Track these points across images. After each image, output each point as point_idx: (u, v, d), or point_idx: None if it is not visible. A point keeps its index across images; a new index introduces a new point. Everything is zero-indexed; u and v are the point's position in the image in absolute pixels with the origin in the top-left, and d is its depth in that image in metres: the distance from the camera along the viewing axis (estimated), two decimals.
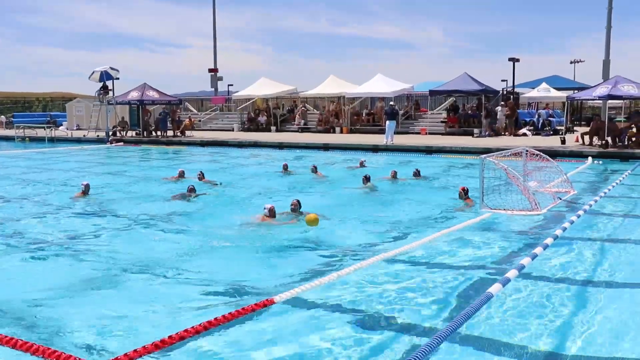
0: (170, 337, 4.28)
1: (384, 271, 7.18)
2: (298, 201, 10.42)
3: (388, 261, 7.41)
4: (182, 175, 15.67)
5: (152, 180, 16.02)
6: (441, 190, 13.60)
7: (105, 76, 32.04)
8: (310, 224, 9.14)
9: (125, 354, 4.01)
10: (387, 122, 25.58)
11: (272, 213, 9.98)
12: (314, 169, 16.64)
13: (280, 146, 26.19)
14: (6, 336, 4.47)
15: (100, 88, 32.70)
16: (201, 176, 14.98)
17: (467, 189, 11.99)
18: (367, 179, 14.10)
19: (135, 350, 4.06)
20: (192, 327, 4.47)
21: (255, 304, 5.12)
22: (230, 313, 4.82)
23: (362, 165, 17.95)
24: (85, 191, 12.82)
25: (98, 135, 32.33)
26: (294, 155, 22.91)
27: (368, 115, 34.00)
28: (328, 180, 15.79)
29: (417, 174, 15.22)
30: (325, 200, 12.55)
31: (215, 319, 4.69)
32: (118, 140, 30.72)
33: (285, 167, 17.24)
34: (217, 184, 14.66)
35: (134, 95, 32.46)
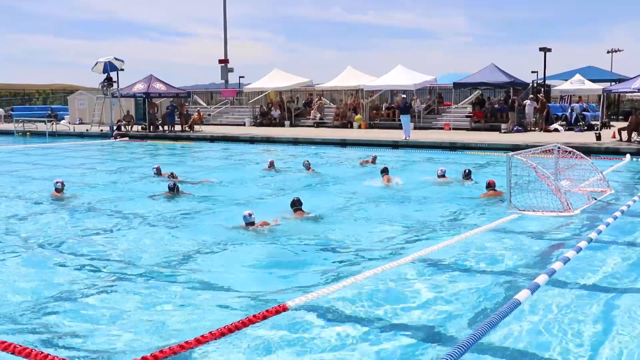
0: (179, 345, 4.31)
1: (403, 276, 7.18)
2: (298, 199, 10.48)
3: (407, 265, 7.39)
4: (159, 172, 15.78)
5: (150, 178, 16.01)
6: (465, 189, 13.54)
7: (109, 67, 32.26)
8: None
9: None
10: (401, 116, 25.85)
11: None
12: (307, 165, 16.64)
13: (295, 142, 26.20)
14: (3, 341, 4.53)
15: (104, 80, 32.93)
16: (171, 178, 14.81)
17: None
18: (385, 172, 14.37)
19: (143, 357, 4.10)
20: (202, 335, 4.51)
21: (267, 311, 5.15)
22: (241, 321, 4.85)
23: (373, 161, 17.94)
24: (61, 189, 12.94)
25: (102, 130, 32.56)
26: (310, 152, 22.95)
27: (388, 109, 33.93)
28: (336, 177, 15.88)
29: (467, 174, 14.30)
30: (336, 199, 12.63)
31: (225, 327, 4.72)
32: (123, 135, 30.90)
33: (272, 164, 17.23)
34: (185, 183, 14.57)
35: (140, 87, 32.65)
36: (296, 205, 10.42)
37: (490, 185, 12.47)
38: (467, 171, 14.23)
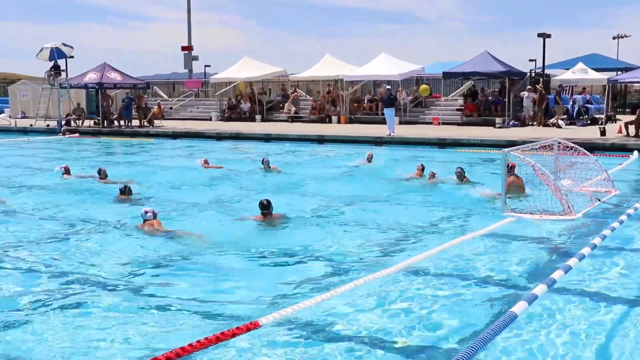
0: None
1: (387, 287, 7.22)
2: (268, 201, 10.49)
3: (392, 276, 7.41)
4: (67, 172, 15.88)
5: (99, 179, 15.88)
6: (456, 190, 13.64)
7: (56, 54, 31.97)
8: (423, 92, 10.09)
9: None
10: (385, 109, 26.04)
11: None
12: (266, 163, 16.84)
13: (267, 138, 26.23)
14: None
15: (51, 68, 32.64)
16: (103, 175, 15.10)
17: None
18: (422, 170, 15.07)
19: None
20: (163, 354, 4.50)
21: (237, 328, 5.14)
22: (206, 338, 4.84)
23: (369, 159, 18.05)
24: None
25: (48, 125, 32.24)
26: (285, 149, 23.03)
27: (370, 102, 34.05)
28: (311, 177, 16.01)
29: (460, 175, 14.11)
30: (308, 202, 12.69)
31: (190, 345, 4.72)
32: (72, 131, 30.65)
33: (206, 162, 17.58)
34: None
35: (92, 77, 32.40)
36: (265, 208, 10.41)
37: (511, 170, 11.92)
38: (460, 171, 14.19)
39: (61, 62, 32.49)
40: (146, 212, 10.03)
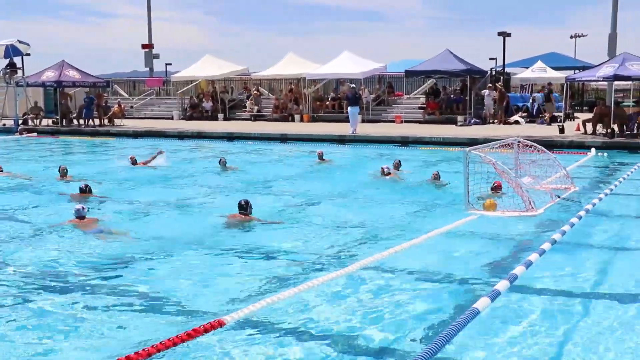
0: None
1: (350, 285, 7.25)
2: (246, 201, 10.46)
3: (355, 274, 7.44)
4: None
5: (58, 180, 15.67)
6: (418, 188, 13.74)
7: (11, 51, 31.44)
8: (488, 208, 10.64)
9: None
10: (349, 108, 26.12)
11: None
12: (223, 163, 17.02)
13: (229, 137, 26.20)
14: None
15: (6, 66, 32.10)
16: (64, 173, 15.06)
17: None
18: (397, 166, 15.19)
19: None
20: (127, 355, 4.47)
21: (202, 327, 5.13)
22: (172, 339, 4.82)
23: (321, 158, 18.08)
24: None
25: (4, 124, 31.74)
26: (248, 148, 22.97)
27: (333, 100, 34.09)
28: (269, 176, 16.00)
29: (436, 177, 14.22)
30: (277, 200, 12.68)
31: (153, 346, 4.69)
32: (30, 131, 30.16)
33: (134, 160, 17.50)
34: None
35: (50, 75, 31.99)
36: (242, 208, 10.37)
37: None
38: (436, 173, 14.27)
39: (17, 60, 31.98)
40: (83, 209, 10.11)
